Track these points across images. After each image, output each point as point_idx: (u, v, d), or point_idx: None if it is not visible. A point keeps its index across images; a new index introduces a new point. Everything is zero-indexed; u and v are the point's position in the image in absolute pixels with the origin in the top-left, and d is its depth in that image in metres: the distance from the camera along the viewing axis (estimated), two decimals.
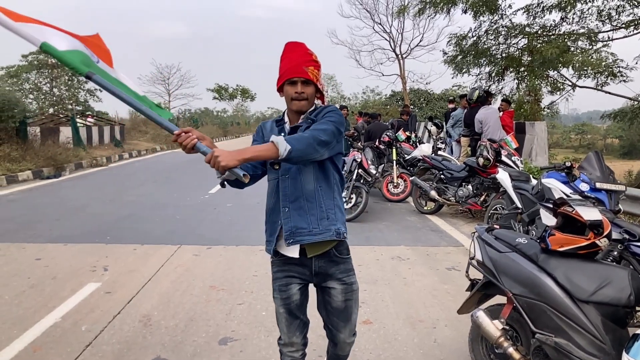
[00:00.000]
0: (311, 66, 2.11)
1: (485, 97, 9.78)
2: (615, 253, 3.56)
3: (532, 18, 12.31)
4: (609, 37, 11.90)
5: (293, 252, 2.18)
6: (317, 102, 2.25)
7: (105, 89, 1.92)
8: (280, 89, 2.18)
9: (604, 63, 11.48)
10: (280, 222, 2.15)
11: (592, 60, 11.40)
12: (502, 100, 10.40)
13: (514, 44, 12.93)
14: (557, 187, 4.56)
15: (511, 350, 2.57)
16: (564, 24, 12.22)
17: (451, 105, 13.16)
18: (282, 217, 2.14)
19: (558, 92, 13.26)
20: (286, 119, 2.22)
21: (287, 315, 2.25)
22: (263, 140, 2.20)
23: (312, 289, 2.31)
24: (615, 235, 3.44)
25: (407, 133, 10.58)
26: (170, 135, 2.03)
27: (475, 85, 14.58)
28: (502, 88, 14.13)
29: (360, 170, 7.74)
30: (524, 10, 12.30)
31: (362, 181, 7.71)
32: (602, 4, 11.28)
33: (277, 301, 2.26)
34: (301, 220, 2.13)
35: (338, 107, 13.10)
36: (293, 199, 2.13)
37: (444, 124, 13.15)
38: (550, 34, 12.22)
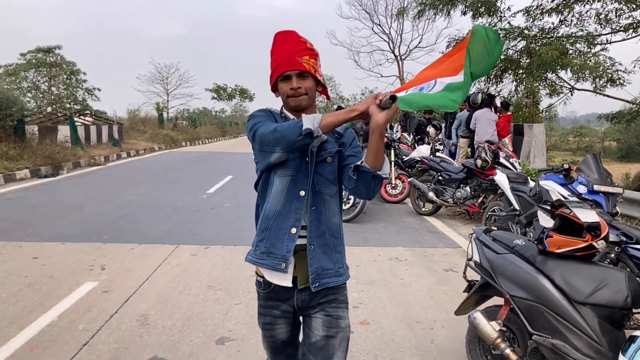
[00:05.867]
0: (306, 55, 1.79)
1: (490, 101, 9.81)
2: (613, 255, 3.57)
3: (531, 20, 12.34)
4: (607, 40, 11.94)
5: (284, 280, 1.82)
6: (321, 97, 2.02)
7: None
8: (274, 88, 1.88)
9: (601, 67, 11.51)
10: (291, 231, 1.80)
11: (589, 64, 11.43)
12: (500, 104, 10.40)
13: (512, 46, 12.95)
14: (555, 189, 4.57)
15: (508, 351, 2.57)
16: (562, 26, 12.25)
17: None
18: (307, 255, 1.81)
19: (556, 95, 13.29)
20: (290, 115, 1.88)
21: (271, 352, 2.01)
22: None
23: None
24: (612, 238, 3.46)
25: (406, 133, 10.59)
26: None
27: (473, 87, 14.60)
28: (500, 90, 14.16)
29: None
30: (523, 12, 12.33)
31: None
32: (602, 6, 11.32)
33: (262, 336, 1.99)
34: (327, 259, 1.82)
35: (336, 108, 13.02)
36: (318, 234, 1.81)
37: (442, 125, 13.16)
38: (549, 36, 12.24)
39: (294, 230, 1.80)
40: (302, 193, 1.80)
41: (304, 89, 1.80)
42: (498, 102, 10.73)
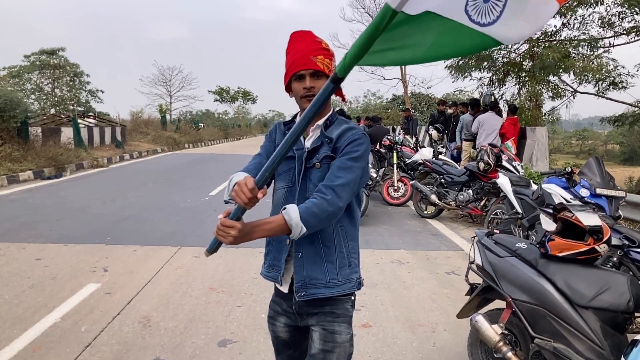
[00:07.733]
0: (320, 55, 1.74)
1: (495, 104, 9.81)
2: (615, 259, 3.57)
3: None
4: (610, 44, 11.94)
5: (283, 287, 1.88)
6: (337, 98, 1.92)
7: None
8: (288, 88, 1.83)
9: (604, 69, 11.51)
10: (286, 242, 1.82)
11: (592, 66, 11.43)
12: (508, 108, 10.35)
13: (515, 49, 12.96)
14: (557, 193, 4.57)
15: (510, 354, 2.57)
16: (565, 29, 12.26)
17: (441, 108, 13.13)
18: (293, 262, 1.80)
19: (559, 98, 13.28)
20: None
21: (274, 349, 2.05)
22: (274, 145, 1.87)
23: None
24: (614, 241, 3.45)
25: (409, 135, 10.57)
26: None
27: (477, 89, 14.62)
28: (503, 93, 14.16)
29: None
30: None
31: None
32: (605, 10, 11.32)
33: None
34: (316, 269, 1.78)
35: (337, 111, 12.80)
36: (308, 241, 1.76)
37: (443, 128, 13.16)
38: (552, 39, 12.24)
39: (287, 241, 1.81)
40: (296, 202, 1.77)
41: (317, 90, 1.71)
42: (501, 105, 10.73)
